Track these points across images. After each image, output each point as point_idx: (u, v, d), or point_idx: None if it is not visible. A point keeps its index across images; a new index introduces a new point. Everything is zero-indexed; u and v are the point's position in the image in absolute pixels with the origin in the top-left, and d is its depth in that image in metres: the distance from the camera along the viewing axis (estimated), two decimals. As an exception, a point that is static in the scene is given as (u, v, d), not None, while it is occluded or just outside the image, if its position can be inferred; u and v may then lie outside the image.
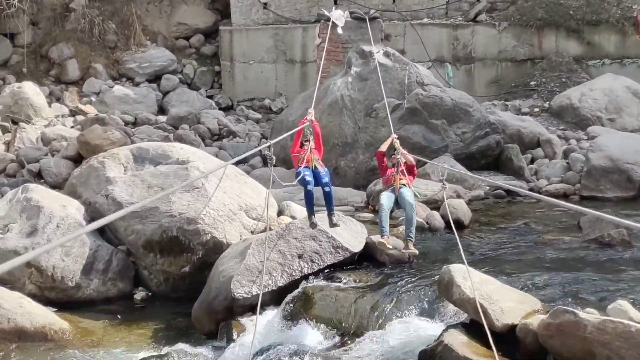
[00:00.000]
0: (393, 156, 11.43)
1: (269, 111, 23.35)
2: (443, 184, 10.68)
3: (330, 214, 11.12)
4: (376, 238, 10.68)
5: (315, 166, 11.13)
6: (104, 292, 11.52)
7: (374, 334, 8.84)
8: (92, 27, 23.79)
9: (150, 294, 11.78)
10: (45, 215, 11.47)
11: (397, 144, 11.62)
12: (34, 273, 11.15)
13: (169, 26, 25.38)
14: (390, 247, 10.80)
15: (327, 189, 11.18)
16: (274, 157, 10.07)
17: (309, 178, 10.99)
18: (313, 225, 11.00)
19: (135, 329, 10.48)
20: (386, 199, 11.14)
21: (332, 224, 10.98)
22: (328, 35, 17.63)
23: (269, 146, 9.88)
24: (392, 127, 12.64)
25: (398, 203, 11.30)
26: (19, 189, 12.33)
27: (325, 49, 16.72)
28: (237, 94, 23.92)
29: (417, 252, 11.14)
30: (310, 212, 10.83)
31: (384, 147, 11.94)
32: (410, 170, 11.54)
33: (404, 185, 11.28)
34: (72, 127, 20.08)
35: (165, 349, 9.35)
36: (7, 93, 20.42)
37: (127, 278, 11.78)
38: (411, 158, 11.72)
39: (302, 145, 11.03)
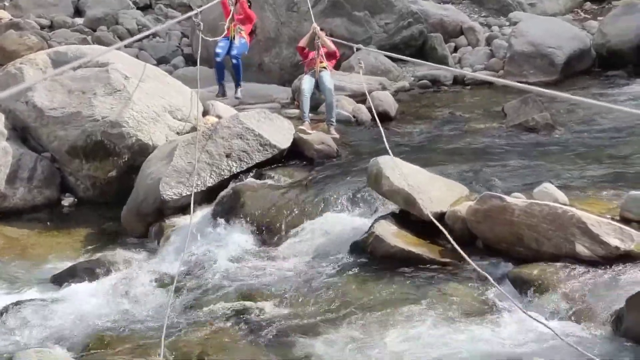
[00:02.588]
0: (315, 41, 11.48)
1: (189, 9, 22.86)
2: (359, 62, 10.74)
3: (236, 86, 11.28)
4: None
5: (234, 37, 11.21)
6: (31, 201, 11.33)
7: (305, 228, 8.88)
8: None
9: (77, 200, 11.63)
10: (-37, 125, 11.19)
11: (318, 29, 11.68)
12: (-44, 184, 10.93)
13: None
14: (310, 132, 10.90)
15: (234, 61, 11.38)
16: (202, 24, 10.23)
17: (219, 50, 11.18)
18: (220, 94, 11.15)
19: (66, 236, 10.39)
20: (306, 83, 11.30)
21: (235, 97, 11.13)
22: None
23: (196, 14, 10.01)
24: (313, 19, 12.54)
25: (319, 87, 11.40)
26: None
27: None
28: (155, -8, 23.39)
29: (337, 135, 11.26)
30: (218, 83, 11.04)
31: (303, 42, 11.98)
32: (332, 54, 11.61)
33: (324, 68, 11.37)
34: (-15, 33, 19.46)
35: (98, 254, 9.29)
36: None
37: (54, 185, 11.59)
38: (331, 44, 11.77)
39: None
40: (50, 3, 21.66)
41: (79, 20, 20.68)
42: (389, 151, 8.44)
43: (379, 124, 9.40)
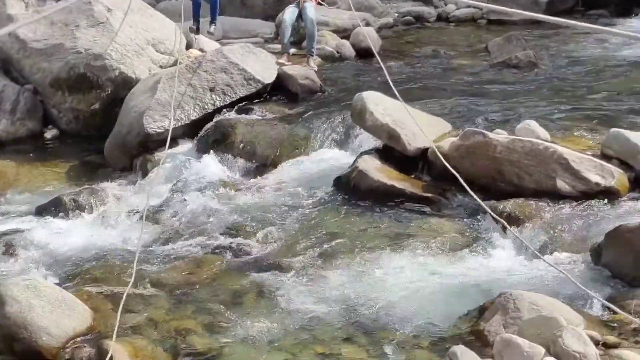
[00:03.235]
0: None
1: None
2: None
3: (211, 21, 11.37)
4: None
5: None
6: (13, 133, 11.30)
7: (289, 163, 8.95)
8: None
9: (60, 132, 11.61)
10: (-56, 55, 11.11)
11: None
12: (-64, 115, 10.89)
13: None
14: (290, 63, 10.93)
15: None
16: None
17: None
18: (192, 30, 11.23)
19: (49, 168, 10.39)
20: (289, 14, 11.33)
21: (208, 31, 11.23)
22: None
23: None
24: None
25: (302, 18, 11.41)
26: None
27: None
28: None
29: (316, 67, 11.29)
30: (193, 17, 11.14)
31: None
32: None
33: (309, 0, 11.40)
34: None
35: (81, 186, 9.30)
36: None
37: (36, 117, 11.55)
38: None
39: None
40: None
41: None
42: (393, 87, 8.29)
43: (380, 61, 9.30)
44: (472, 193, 6.55)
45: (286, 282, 6.35)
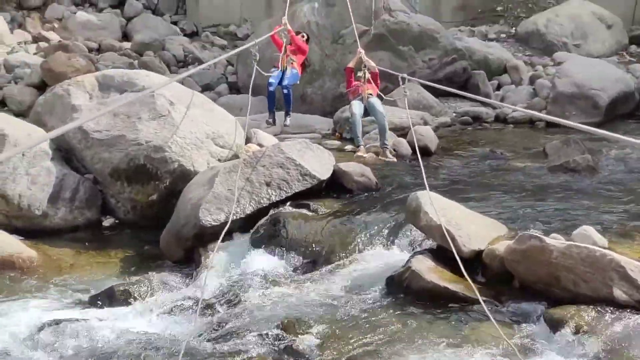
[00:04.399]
0: (362, 69, 11.68)
1: (235, 37, 23.13)
2: (404, 91, 10.83)
3: (285, 114, 11.53)
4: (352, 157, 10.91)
5: (286, 67, 11.51)
6: (72, 221, 11.47)
7: (342, 261, 8.91)
8: (51, -50, 23.32)
9: (118, 222, 11.76)
10: (10, 144, 11.33)
11: (363, 53, 11.90)
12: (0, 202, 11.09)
13: (132, -51, 24.90)
14: (366, 155, 11.04)
15: (285, 91, 11.68)
16: (258, 55, 10.53)
17: (272, 80, 11.51)
18: (268, 123, 11.38)
19: (104, 257, 10.49)
20: (357, 107, 11.50)
21: (284, 124, 11.38)
22: (294, -40, 17.41)
23: (254, 45, 10.38)
24: (359, 45, 12.74)
25: (367, 112, 11.55)
26: (-17, 117, 12.18)
27: (291, -27, 16.54)
28: (202, 20, 23.63)
29: (395, 159, 11.35)
30: (269, 111, 11.31)
31: (352, 64, 12.22)
32: (374, 79, 11.76)
33: (371, 94, 11.53)
34: (35, 54, 19.82)
35: (135, 277, 9.37)
36: (-33, 19, 20.08)
37: (95, 206, 11.73)
38: (373, 64, 11.95)
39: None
40: (99, 26, 22.00)
41: (127, 45, 20.98)
42: (427, 187, 8.45)
43: (419, 159, 9.42)
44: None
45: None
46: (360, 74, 12.48)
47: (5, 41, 20.04)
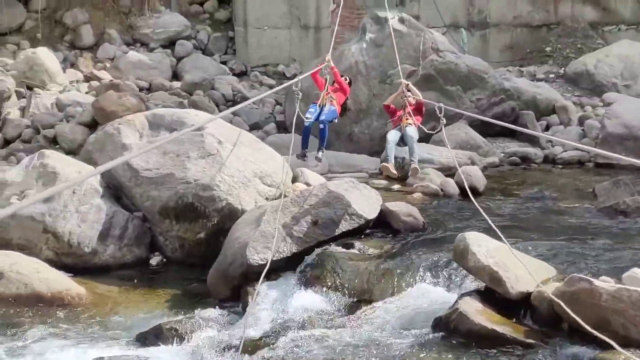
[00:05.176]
0: (404, 98, 11.76)
1: (283, 77, 23.25)
2: (441, 119, 10.84)
3: (318, 148, 11.60)
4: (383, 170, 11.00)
5: (324, 104, 11.61)
6: (120, 258, 11.58)
7: (388, 301, 8.89)
8: (106, -8, 23.73)
9: (165, 259, 11.84)
10: (61, 182, 11.49)
11: (406, 84, 11.97)
12: (50, 239, 11.22)
13: (183, -9, 25.27)
14: (395, 172, 11.04)
15: (321, 125, 11.72)
16: (301, 93, 10.61)
17: (309, 115, 11.57)
18: (300, 156, 11.44)
19: (152, 295, 10.55)
20: (392, 135, 11.59)
21: (317, 158, 11.44)
22: (343, 0, 17.52)
23: (297, 82, 10.48)
24: (402, 77, 12.83)
25: (404, 141, 11.62)
26: (35, 155, 12.36)
27: (339, 14, 16.63)
28: (251, 59, 23.83)
29: (419, 171, 11.41)
30: (303, 146, 11.36)
31: (389, 100, 12.29)
32: (418, 110, 11.81)
33: (410, 124, 11.60)
34: (86, 93, 20.08)
35: (182, 314, 9.42)
36: (21, 59, 20.40)
37: (143, 244, 11.83)
38: (418, 92, 12.01)
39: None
40: (150, 66, 22.24)
41: (177, 84, 21.18)
42: (493, 226, 8.38)
43: (473, 200, 9.38)
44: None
45: None
46: (404, 99, 12.63)
47: (58, 80, 20.34)
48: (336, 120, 12.89)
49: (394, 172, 11.19)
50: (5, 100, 18.23)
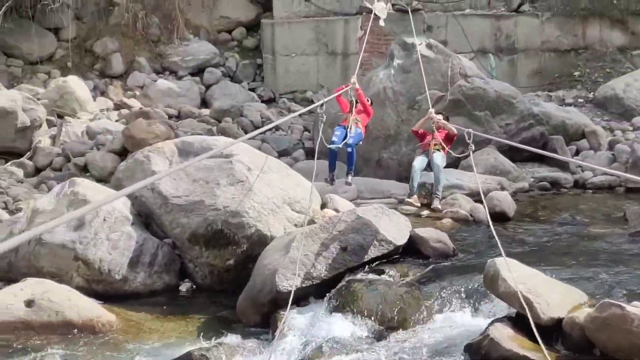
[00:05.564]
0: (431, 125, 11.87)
1: (311, 103, 23.29)
2: (470, 145, 10.84)
3: (347, 173, 11.61)
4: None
5: (351, 126, 11.66)
6: (150, 285, 11.63)
7: (418, 327, 8.86)
8: (135, 21, 23.96)
9: (195, 286, 11.87)
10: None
11: (434, 115, 12.04)
12: (81, 266, 11.29)
13: (212, 19, 25.49)
14: (418, 205, 11.07)
15: (349, 149, 11.75)
16: (325, 116, 10.70)
17: (335, 139, 11.64)
18: (327, 181, 11.46)
19: (182, 321, 10.56)
20: (418, 162, 11.69)
21: (346, 182, 11.45)
22: (370, 27, 17.63)
23: (322, 104, 10.57)
24: (430, 106, 12.90)
25: (430, 166, 11.66)
26: (66, 183, 12.47)
27: (367, 41, 16.73)
28: (279, 86, 23.97)
29: (441, 208, 11.39)
30: (330, 169, 11.42)
31: (417, 126, 12.36)
32: (449, 138, 11.84)
33: (438, 150, 11.61)
34: (116, 120, 20.28)
35: (212, 341, 9.42)
36: (52, 87, 20.66)
37: (173, 271, 11.87)
38: (452, 128, 12.02)
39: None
40: (178, 93, 22.43)
41: (205, 111, 21.33)
42: (502, 253, 8.39)
43: (491, 226, 9.36)
44: None
45: None
46: (433, 124, 12.68)
47: (88, 108, 20.55)
48: (361, 142, 12.96)
49: (418, 204, 11.25)
50: (37, 129, 18.43)
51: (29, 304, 10.19)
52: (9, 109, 17.63)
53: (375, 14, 18.15)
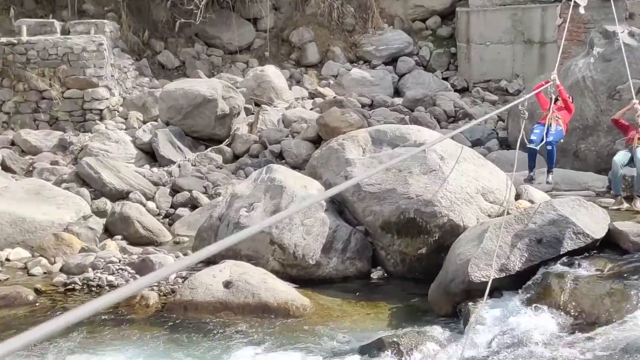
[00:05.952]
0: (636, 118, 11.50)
1: (506, 93, 22.96)
2: None
3: (547, 171, 11.35)
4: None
5: (551, 124, 11.43)
6: (343, 271, 11.78)
7: (616, 323, 8.58)
8: (331, 11, 24.27)
9: (386, 274, 11.94)
10: (287, 195, 11.86)
11: (638, 107, 11.65)
12: (277, 250, 11.57)
13: (406, 9, 25.47)
14: (625, 207, 10.73)
15: (549, 147, 11.51)
16: (527, 112, 10.56)
17: (534, 137, 11.42)
18: (528, 180, 11.25)
19: (373, 308, 10.65)
20: (620, 156, 11.33)
21: (547, 182, 11.18)
22: (570, 15, 17.09)
23: (523, 102, 10.51)
24: (634, 96, 12.45)
25: (633, 162, 11.27)
26: (264, 169, 12.83)
27: (566, 29, 16.26)
28: (473, 75, 23.71)
29: None
30: (529, 169, 11.23)
31: (618, 115, 11.95)
32: None
33: None
34: (311, 109, 20.61)
35: (403, 329, 9.45)
36: (250, 76, 21.23)
37: (365, 258, 11.98)
38: None
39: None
40: (372, 82, 22.56)
41: (398, 100, 21.34)
42: None
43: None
44: None
45: None
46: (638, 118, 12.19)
47: (284, 97, 20.99)
48: (562, 140, 12.63)
49: (624, 207, 10.91)
50: (235, 117, 18.98)
51: (227, 285, 10.56)
52: (210, 97, 18.23)
53: (575, 1, 17.59)
